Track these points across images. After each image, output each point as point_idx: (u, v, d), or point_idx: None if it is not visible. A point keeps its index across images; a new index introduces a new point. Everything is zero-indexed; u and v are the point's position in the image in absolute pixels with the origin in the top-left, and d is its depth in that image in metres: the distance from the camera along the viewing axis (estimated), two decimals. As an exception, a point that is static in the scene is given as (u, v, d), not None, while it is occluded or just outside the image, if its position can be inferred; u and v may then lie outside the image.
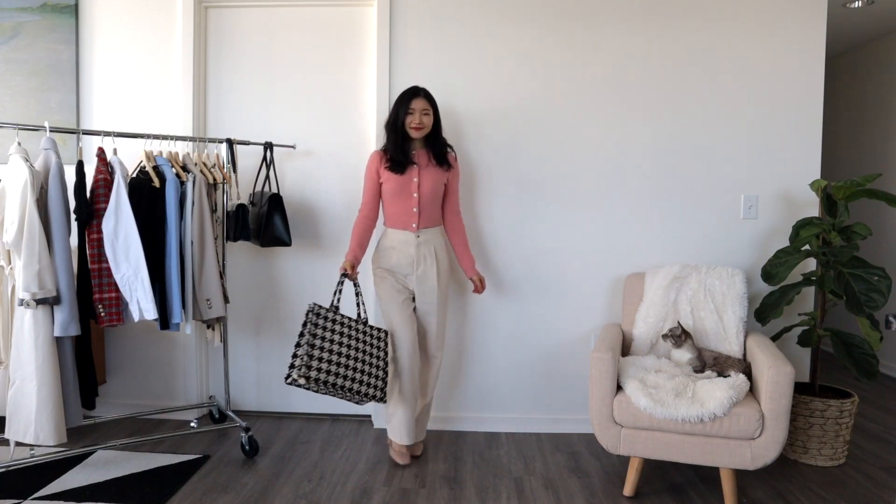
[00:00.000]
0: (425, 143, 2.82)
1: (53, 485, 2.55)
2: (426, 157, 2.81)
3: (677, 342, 2.73)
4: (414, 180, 2.76)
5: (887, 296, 2.61)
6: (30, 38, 3.31)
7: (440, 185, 2.82)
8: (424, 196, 2.77)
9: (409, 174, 2.76)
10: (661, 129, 3.18)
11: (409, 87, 2.78)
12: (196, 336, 3.35)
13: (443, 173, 2.82)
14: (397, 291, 2.78)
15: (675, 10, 3.15)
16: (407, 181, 2.75)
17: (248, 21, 3.34)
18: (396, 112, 2.75)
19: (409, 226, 2.79)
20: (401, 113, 2.74)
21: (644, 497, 2.55)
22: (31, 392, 2.37)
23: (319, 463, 2.85)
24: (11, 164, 2.39)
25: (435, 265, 2.82)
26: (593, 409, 2.52)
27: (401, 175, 2.75)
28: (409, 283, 2.82)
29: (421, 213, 2.78)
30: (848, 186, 2.81)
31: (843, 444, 2.86)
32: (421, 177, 2.77)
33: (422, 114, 2.73)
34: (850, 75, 4.92)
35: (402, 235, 2.79)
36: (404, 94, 2.76)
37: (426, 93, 2.77)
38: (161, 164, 2.70)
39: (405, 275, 2.81)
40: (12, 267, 2.46)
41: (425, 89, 2.77)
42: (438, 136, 2.83)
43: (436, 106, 2.80)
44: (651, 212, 3.21)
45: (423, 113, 2.73)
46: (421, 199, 2.77)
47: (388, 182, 2.77)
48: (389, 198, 2.79)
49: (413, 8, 3.19)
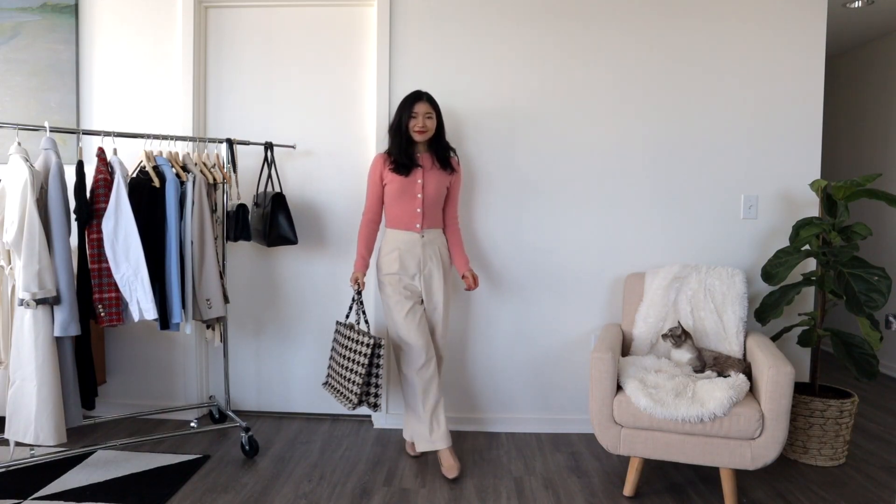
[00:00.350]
0: (429, 147, 2.85)
1: (53, 485, 2.55)
2: (430, 160, 2.83)
3: (677, 342, 2.73)
4: (418, 182, 2.78)
5: (887, 296, 2.61)
6: (30, 38, 3.31)
7: (443, 189, 2.84)
8: (428, 198, 2.80)
9: (413, 176, 2.78)
10: (661, 129, 3.18)
11: (412, 91, 2.80)
12: (196, 336, 3.35)
13: (446, 176, 2.85)
14: (406, 298, 2.77)
15: (675, 11, 3.15)
16: (411, 183, 2.77)
17: (248, 21, 3.34)
18: (400, 116, 2.78)
19: (412, 226, 2.80)
20: (404, 117, 2.77)
21: (644, 497, 2.55)
22: (31, 392, 2.37)
23: (319, 463, 2.85)
24: (11, 164, 2.39)
25: (440, 265, 2.84)
26: (593, 409, 2.52)
27: (405, 177, 2.76)
28: (416, 285, 2.82)
29: (425, 215, 2.80)
30: (848, 186, 2.81)
31: (843, 444, 2.86)
32: (425, 179, 2.79)
33: (425, 117, 2.75)
34: (850, 75, 4.92)
35: (406, 236, 2.80)
36: (407, 97, 2.79)
37: (429, 97, 2.79)
38: (161, 164, 2.70)
39: (412, 275, 2.81)
40: (12, 267, 2.46)
41: (428, 93, 2.79)
42: (441, 139, 2.85)
43: (439, 109, 2.82)
44: (651, 212, 3.21)
45: (426, 116, 2.76)
46: (425, 200, 2.79)
47: (391, 183, 2.78)
48: (393, 199, 2.80)
49: (413, 8, 3.19)
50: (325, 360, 3.41)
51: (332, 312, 3.38)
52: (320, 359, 3.42)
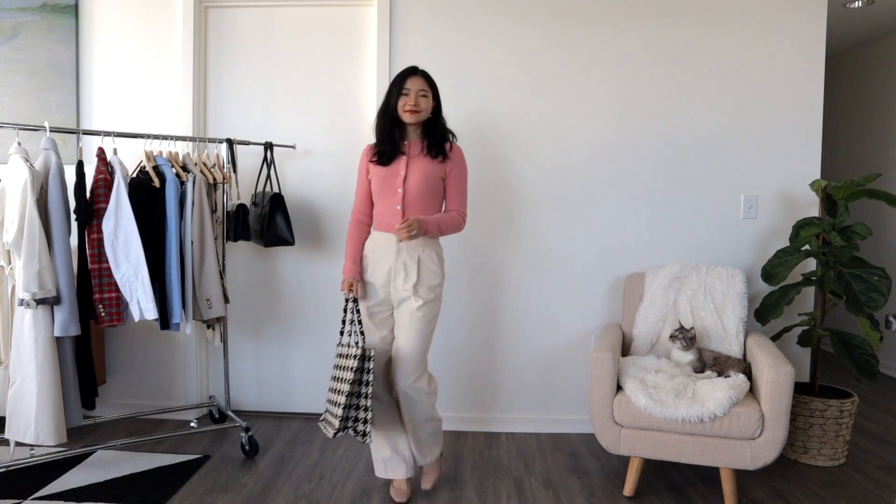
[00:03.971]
0: (422, 132, 2.40)
1: (53, 485, 2.55)
2: (419, 147, 2.39)
3: (688, 345, 2.70)
4: (400, 173, 2.34)
5: (887, 296, 2.61)
6: (30, 38, 3.31)
7: (433, 180, 2.36)
8: (411, 191, 2.33)
9: (395, 166, 2.35)
10: (661, 129, 3.18)
11: (406, 67, 2.41)
12: (196, 336, 3.35)
13: (437, 165, 2.36)
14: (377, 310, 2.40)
15: (675, 11, 3.15)
16: (392, 174, 2.35)
17: (248, 21, 3.34)
18: (389, 94, 2.36)
19: (391, 227, 2.35)
20: (393, 95, 2.34)
21: (644, 497, 2.55)
22: (31, 392, 2.37)
23: (319, 463, 2.85)
24: (11, 164, 2.39)
25: (415, 278, 2.32)
26: (593, 409, 2.51)
27: (386, 167, 2.36)
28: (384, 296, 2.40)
29: (405, 213, 2.34)
30: (848, 186, 2.81)
31: (843, 444, 2.86)
32: (409, 168, 2.35)
33: (418, 95, 2.32)
34: (850, 75, 4.92)
35: (382, 238, 2.38)
36: (399, 73, 2.37)
37: (425, 73, 2.38)
38: (161, 164, 2.71)
39: (382, 285, 2.38)
40: (12, 267, 2.47)
41: (424, 70, 2.41)
42: (438, 122, 2.41)
43: (436, 89, 2.40)
44: (651, 212, 3.21)
45: (419, 94, 2.32)
46: (406, 194, 2.34)
47: (374, 177, 2.38)
48: (375, 195, 2.40)
49: (413, 8, 3.19)
50: (324, 359, 3.41)
51: (331, 312, 3.38)
52: (320, 359, 3.42)
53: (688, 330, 2.73)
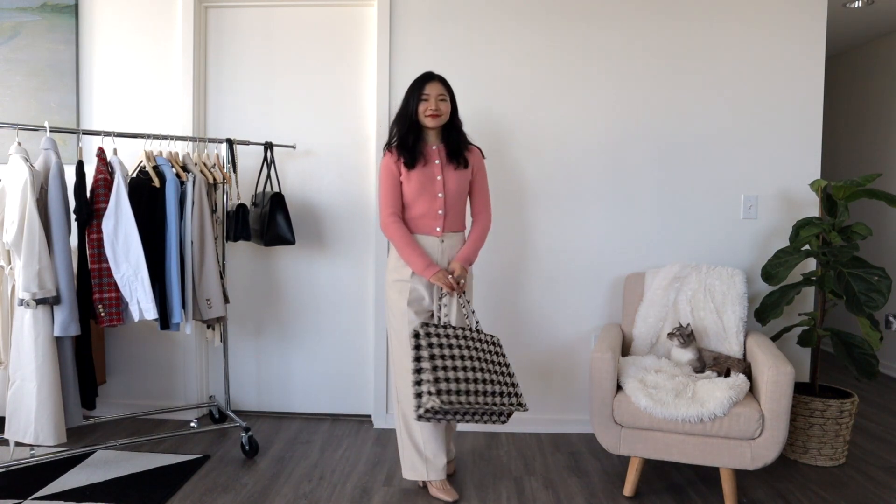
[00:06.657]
0: (443, 136, 2.54)
1: (53, 485, 2.55)
2: (444, 152, 2.52)
3: (686, 342, 2.71)
4: (438, 178, 2.48)
5: (887, 296, 2.61)
6: (30, 38, 3.31)
7: (465, 184, 2.54)
8: (451, 196, 2.50)
9: (432, 172, 2.48)
10: (661, 129, 3.18)
11: (422, 73, 2.51)
12: (196, 336, 3.35)
13: (464, 171, 2.54)
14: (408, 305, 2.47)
15: (675, 11, 3.15)
16: (430, 179, 2.48)
17: (248, 21, 3.34)
18: (408, 100, 2.47)
19: (433, 230, 2.50)
20: (412, 100, 2.45)
21: (644, 497, 2.55)
22: (30, 392, 2.37)
23: (319, 463, 2.85)
24: (11, 164, 2.39)
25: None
26: (593, 409, 2.51)
27: (421, 171, 2.46)
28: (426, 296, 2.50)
29: (446, 216, 2.51)
30: (848, 186, 2.81)
31: (843, 444, 2.86)
32: (445, 175, 2.50)
33: (437, 99, 2.44)
34: (850, 75, 4.92)
35: (426, 242, 2.50)
36: (416, 79, 2.49)
37: (442, 77, 2.49)
38: (161, 164, 2.71)
39: (426, 286, 2.49)
40: (12, 267, 2.46)
41: (441, 75, 2.52)
42: (454, 125, 2.53)
43: (453, 93, 2.51)
44: (651, 212, 3.20)
45: (438, 98, 2.44)
46: (447, 199, 2.49)
47: (409, 181, 2.46)
48: (412, 199, 2.48)
49: (413, 8, 3.19)
50: (324, 359, 3.41)
51: (331, 312, 3.38)
52: (320, 359, 3.42)
53: (685, 327, 2.73)
